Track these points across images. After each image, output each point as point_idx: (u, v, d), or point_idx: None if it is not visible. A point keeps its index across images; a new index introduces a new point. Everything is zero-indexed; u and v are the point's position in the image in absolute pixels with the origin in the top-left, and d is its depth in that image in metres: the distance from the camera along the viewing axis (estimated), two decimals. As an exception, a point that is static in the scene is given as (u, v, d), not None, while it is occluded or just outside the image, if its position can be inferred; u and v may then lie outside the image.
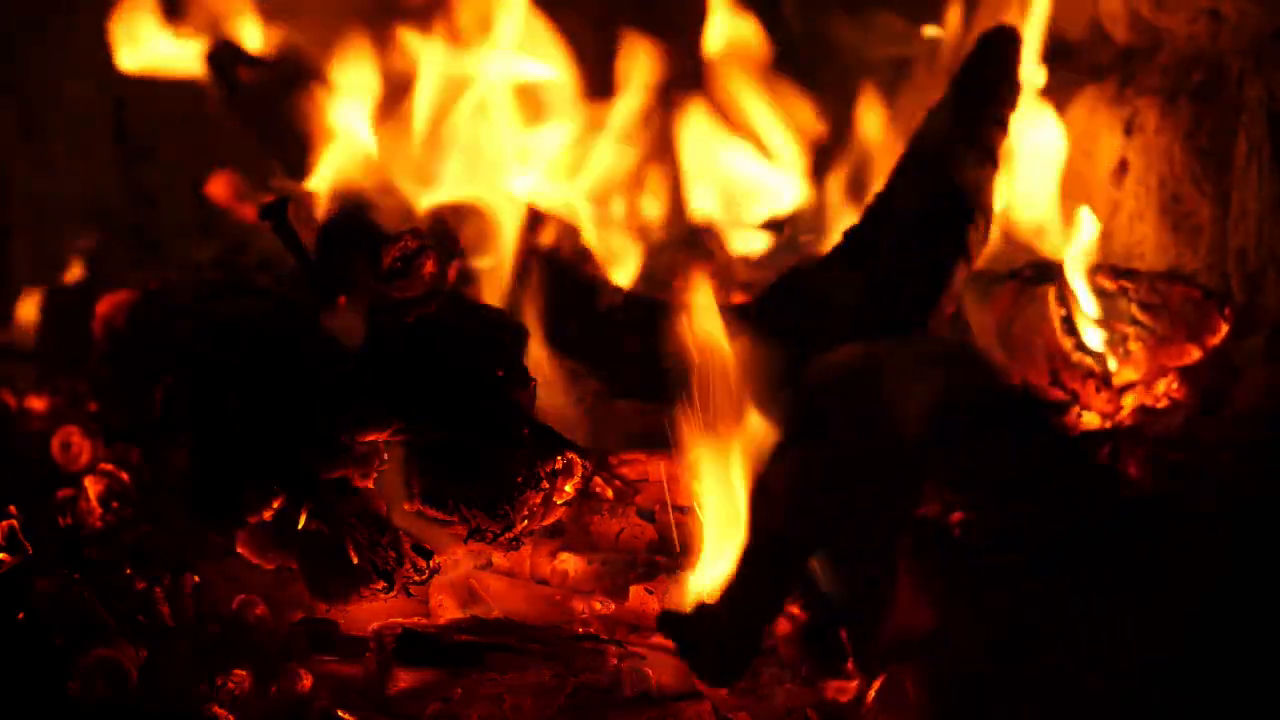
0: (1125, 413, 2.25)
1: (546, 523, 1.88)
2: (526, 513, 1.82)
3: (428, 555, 1.84)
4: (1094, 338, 2.33)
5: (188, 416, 1.90)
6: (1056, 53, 2.91)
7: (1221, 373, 2.28)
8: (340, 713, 1.70)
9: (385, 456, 1.84)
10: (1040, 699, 1.71)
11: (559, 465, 1.84)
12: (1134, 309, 2.33)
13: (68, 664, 1.68)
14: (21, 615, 1.76)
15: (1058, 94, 2.92)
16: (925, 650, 1.80)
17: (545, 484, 1.83)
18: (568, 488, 1.85)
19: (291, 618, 1.85)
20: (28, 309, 2.88)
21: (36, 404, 2.60)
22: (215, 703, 1.70)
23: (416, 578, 1.83)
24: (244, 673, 1.73)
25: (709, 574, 1.70)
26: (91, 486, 2.10)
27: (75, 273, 2.91)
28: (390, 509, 1.86)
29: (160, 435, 1.98)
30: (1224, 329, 2.27)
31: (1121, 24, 2.66)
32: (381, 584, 1.80)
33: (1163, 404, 2.26)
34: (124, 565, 1.88)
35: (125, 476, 2.12)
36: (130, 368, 2.28)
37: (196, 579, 1.87)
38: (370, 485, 1.84)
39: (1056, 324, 2.31)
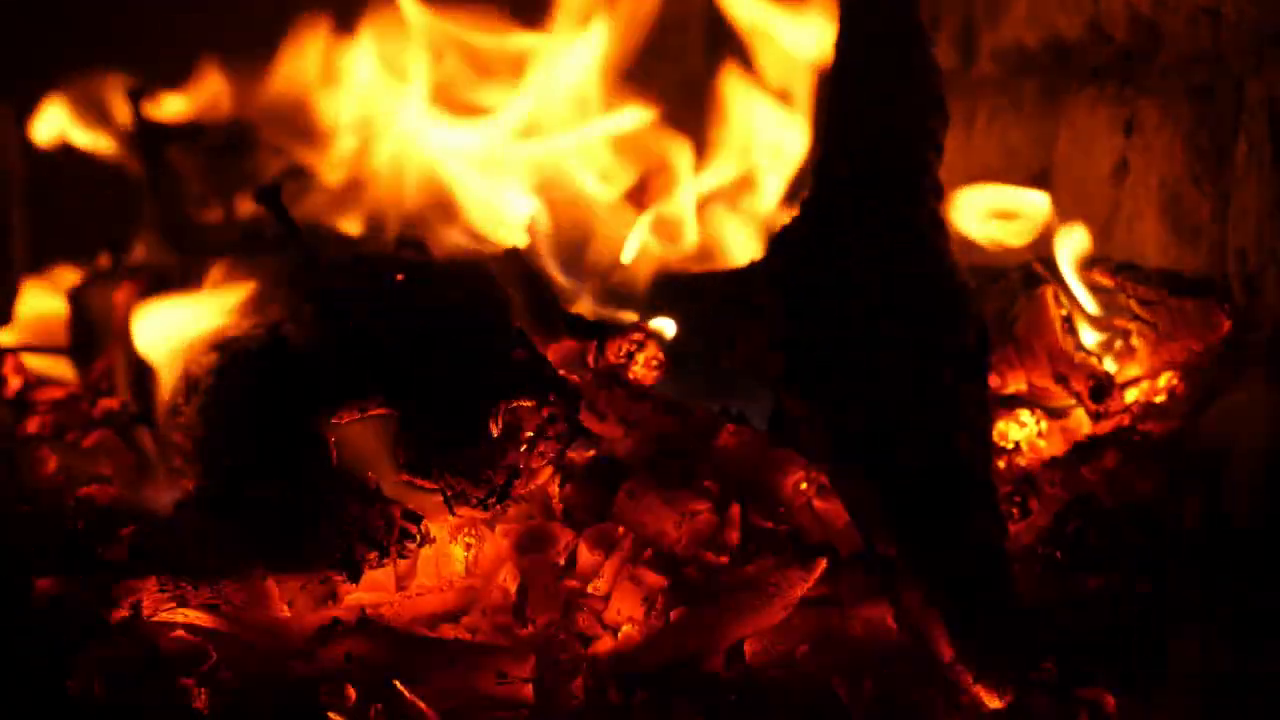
0: (1128, 410, 2.25)
1: (533, 486, 1.89)
2: (509, 473, 1.84)
3: (417, 520, 1.87)
4: (1095, 336, 2.33)
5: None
6: (1056, 53, 2.92)
7: (1222, 370, 2.27)
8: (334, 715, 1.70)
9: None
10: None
11: (544, 415, 1.86)
12: (1134, 304, 2.32)
13: (67, 664, 1.68)
14: (21, 615, 1.76)
15: (1057, 94, 2.93)
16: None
17: (525, 445, 1.85)
18: (551, 436, 1.86)
19: (303, 619, 1.85)
20: (28, 309, 2.89)
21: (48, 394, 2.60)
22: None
23: (409, 546, 1.85)
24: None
25: None
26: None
27: (100, 264, 2.93)
28: (381, 482, 1.88)
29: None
30: (1226, 325, 2.26)
31: (1121, 24, 2.66)
32: (374, 553, 1.83)
33: (1163, 399, 2.25)
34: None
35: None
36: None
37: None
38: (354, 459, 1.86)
39: (1057, 324, 2.31)
